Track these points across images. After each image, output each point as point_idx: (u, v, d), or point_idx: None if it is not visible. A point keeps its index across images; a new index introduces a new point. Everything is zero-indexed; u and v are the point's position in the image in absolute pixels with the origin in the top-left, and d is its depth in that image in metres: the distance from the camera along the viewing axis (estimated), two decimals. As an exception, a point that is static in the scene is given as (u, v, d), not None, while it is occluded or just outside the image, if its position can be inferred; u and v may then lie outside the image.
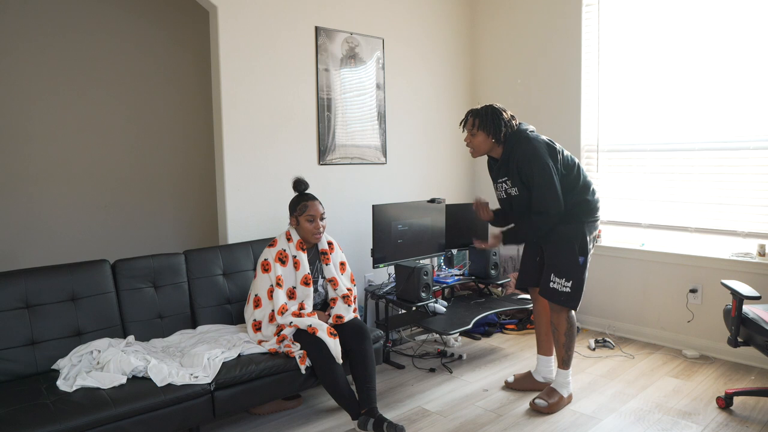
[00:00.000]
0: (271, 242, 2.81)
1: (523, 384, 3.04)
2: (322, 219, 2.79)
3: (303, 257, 2.78)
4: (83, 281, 2.59)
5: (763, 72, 3.22)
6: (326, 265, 2.87)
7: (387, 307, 3.41)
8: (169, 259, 2.87)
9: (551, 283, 2.74)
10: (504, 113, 2.74)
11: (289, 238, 2.80)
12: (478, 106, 2.81)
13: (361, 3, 3.79)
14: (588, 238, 2.73)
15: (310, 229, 2.77)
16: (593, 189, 2.77)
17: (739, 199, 3.36)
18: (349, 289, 2.87)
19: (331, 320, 2.73)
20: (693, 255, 3.50)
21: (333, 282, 2.85)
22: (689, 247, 3.58)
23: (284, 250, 2.76)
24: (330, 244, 2.91)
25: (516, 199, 2.77)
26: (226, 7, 3.11)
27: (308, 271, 2.77)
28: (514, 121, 2.76)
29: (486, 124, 2.73)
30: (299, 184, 2.84)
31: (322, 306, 2.89)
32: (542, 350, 3.04)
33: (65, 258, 3.46)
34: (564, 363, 2.82)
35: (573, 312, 2.79)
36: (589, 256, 2.74)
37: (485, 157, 2.92)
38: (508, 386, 3.06)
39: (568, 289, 2.71)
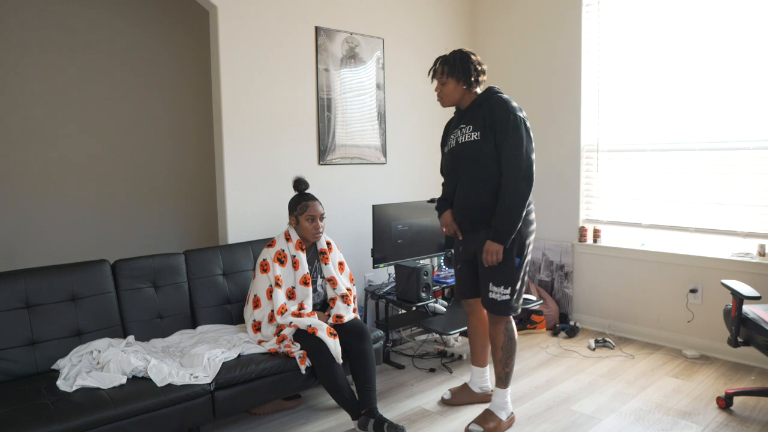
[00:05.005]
0: (269, 242, 2.82)
1: (461, 398, 2.88)
2: (321, 219, 2.80)
3: (302, 257, 2.78)
4: (83, 281, 2.59)
5: (763, 72, 3.22)
6: (325, 264, 2.87)
7: (387, 307, 3.41)
8: (169, 259, 2.87)
9: (490, 293, 2.55)
10: (473, 56, 2.58)
11: (288, 238, 2.80)
12: (447, 53, 2.66)
13: (361, 3, 3.79)
14: (526, 240, 2.53)
15: (310, 229, 2.77)
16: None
17: (739, 199, 3.36)
18: (348, 289, 2.87)
19: (330, 320, 2.73)
20: (693, 255, 3.50)
21: (332, 281, 2.85)
22: (689, 247, 3.58)
23: (283, 250, 2.76)
24: (329, 244, 2.92)
25: (468, 147, 2.55)
26: (226, 7, 3.11)
27: (307, 270, 2.77)
28: (485, 67, 2.62)
29: (455, 70, 2.55)
30: (299, 184, 2.84)
31: (322, 306, 2.89)
32: (477, 361, 2.90)
33: (65, 258, 3.47)
34: (502, 381, 2.60)
35: (512, 323, 2.61)
36: (526, 257, 2.55)
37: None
38: (446, 403, 2.87)
39: (506, 297, 2.52)
